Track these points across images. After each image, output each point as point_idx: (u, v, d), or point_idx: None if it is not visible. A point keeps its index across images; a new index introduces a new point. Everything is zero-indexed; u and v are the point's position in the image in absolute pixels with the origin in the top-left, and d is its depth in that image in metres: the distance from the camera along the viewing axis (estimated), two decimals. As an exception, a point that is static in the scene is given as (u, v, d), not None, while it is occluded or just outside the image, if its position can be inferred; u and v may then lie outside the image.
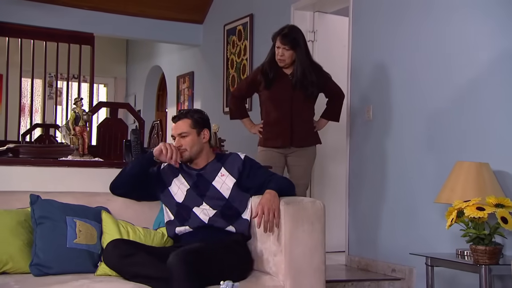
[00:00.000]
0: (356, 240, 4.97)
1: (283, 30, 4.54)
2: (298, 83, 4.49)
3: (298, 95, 4.52)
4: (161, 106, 10.04)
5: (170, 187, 3.44)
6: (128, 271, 2.94)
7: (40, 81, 9.14)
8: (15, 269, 3.02)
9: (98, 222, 3.25)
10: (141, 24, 7.69)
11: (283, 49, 4.48)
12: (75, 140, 3.75)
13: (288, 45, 4.46)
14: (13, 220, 3.09)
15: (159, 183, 3.47)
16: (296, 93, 4.52)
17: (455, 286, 4.00)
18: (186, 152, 3.41)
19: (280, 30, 4.55)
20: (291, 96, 4.53)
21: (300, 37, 4.53)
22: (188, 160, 3.44)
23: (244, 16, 6.80)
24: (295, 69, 4.51)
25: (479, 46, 3.95)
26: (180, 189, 3.41)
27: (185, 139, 3.41)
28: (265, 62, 4.59)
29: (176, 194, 3.41)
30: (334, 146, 5.60)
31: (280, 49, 4.49)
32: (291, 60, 4.52)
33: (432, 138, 4.28)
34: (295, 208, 3.16)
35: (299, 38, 4.51)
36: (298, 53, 4.49)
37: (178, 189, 3.41)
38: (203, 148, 3.46)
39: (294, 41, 4.48)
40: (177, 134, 3.42)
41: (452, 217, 3.31)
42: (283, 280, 3.11)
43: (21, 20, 7.07)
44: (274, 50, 4.53)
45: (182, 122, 3.44)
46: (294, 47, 4.47)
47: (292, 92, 4.52)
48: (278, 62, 4.52)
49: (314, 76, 4.52)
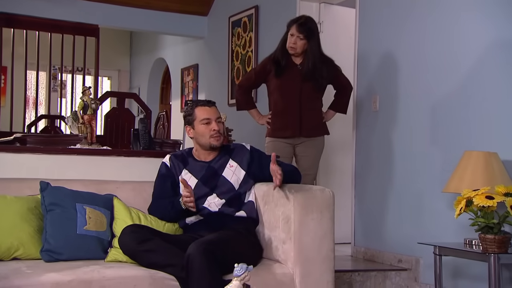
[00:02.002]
0: (362, 231, 4.98)
1: (300, 19, 4.56)
2: (308, 75, 4.50)
3: (307, 86, 4.53)
4: (165, 99, 10.04)
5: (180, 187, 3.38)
6: (143, 256, 2.96)
7: (44, 74, 9.15)
8: (26, 255, 3.03)
9: (107, 209, 3.26)
10: (146, 16, 7.69)
11: (297, 37, 4.48)
12: (83, 129, 3.76)
13: (303, 34, 4.46)
14: (23, 207, 3.11)
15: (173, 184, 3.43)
16: (305, 84, 4.53)
17: (462, 276, 4.01)
18: (221, 137, 3.42)
19: (297, 19, 4.57)
20: (300, 86, 4.54)
21: (315, 29, 4.55)
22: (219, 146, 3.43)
23: (249, 8, 6.79)
24: (306, 61, 4.52)
25: (486, 36, 3.94)
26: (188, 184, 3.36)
27: (220, 125, 3.42)
28: (277, 49, 4.60)
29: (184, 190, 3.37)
30: (340, 137, 5.60)
31: (294, 37, 4.49)
32: (302, 50, 4.52)
33: (439, 128, 4.28)
34: (304, 196, 3.16)
35: (314, 29, 4.53)
36: (312, 44, 4.50)
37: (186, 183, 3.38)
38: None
39: (310, 31, 4.49)
40: (216, 117, 3.41)
41: (461, 206, 3.31)
42: (292, 268, 3.12)
43: (26, 12, 7.08)
44: (286, 37, 4.53)
45: (215, 108, 3.45)
46: (309, 37, 4.48)
47: (301, 82, 4.53)
48: (289, 50, 4.52)
49: (325, 69, 4.53)
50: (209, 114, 3.40)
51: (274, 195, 3.26)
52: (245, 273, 2.24)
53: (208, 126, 3.38)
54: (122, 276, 2.84)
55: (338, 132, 5.50)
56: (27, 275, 2.73)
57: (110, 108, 7.00)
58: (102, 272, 2.83)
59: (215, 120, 3.39)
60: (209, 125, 3.38)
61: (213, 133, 3.37)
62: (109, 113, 4.73)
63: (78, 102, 3.79)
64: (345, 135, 5.46)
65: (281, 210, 3.19)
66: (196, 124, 3.40)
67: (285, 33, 4.56)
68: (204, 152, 3.45)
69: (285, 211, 3.17)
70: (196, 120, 3.40)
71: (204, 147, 3.43)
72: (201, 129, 3.39)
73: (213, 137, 3.38)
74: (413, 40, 4.55)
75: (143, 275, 2.87)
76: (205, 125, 3.38)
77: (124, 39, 10.65)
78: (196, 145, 3.48)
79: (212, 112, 3.41)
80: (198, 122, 3.39)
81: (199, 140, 3.43)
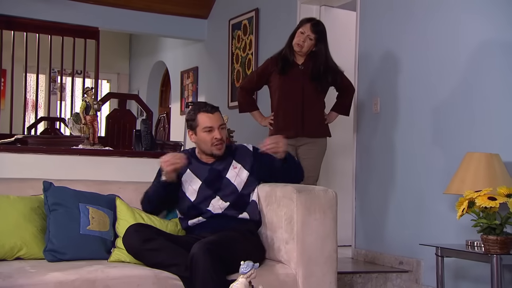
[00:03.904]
0: (362, 234, 4.98)
1: (313, 19, 4.61)
2: (314, 76, 4.53)
3: (309, 86, 4.55)
4: (165, 101, 10.04)
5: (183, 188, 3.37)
6: (147, 255, 2.95)
7: (44, 76, 9.15)
8: (29, 254, 3.03)
9: (110, 209, 3.25)
10: (146, 19, 7.71)
11: (308, 36, 4.49)
12: (85, 129, 3.75)
13: (316, 35, 4.49)
14: (26, 207, 3.11)
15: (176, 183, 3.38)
16: (307, 84, 4.55)
17: (463, 278, 4.01)
18: (224, 145, 3.36)
19: (311, 19, 4.62)
20: (302, 85, 4.55)
21: (325, 33, 4.58)
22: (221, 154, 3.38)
23: (249, 11, 6.81)
24: (313, 63, 4.54)
25: (487, 37, 3.95)
26: (191, 187, 3.35)
27: (223, 131, 3.35)
28: (285, 46, 4.61)
29: (188, 191, 3.35)
30: (341, 139, 5.60)
31: (304, 36, 4.50)
32: (307, 51, 4.54)
33: (440, 130, 4.29)
34: (307, 197, 3.16)
35: (325, 34, 4.56)
36: (321, 47, 4.53)
37: (189, 185, 3.36)
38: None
39: (322, 34, 4.52)
40: (219, 125, 3.33)
41: (463, 207, 3.31)
42: (295, 268, 3.12)
43: (26, 14, 7.09)
44: (293, 35, 4.55)
45: (219, 114, 3.36)
46: (319, 40, 4.52)
47: (303, 82, 4.55)
48: (295, 46, 4.53)
49: (330, 74, 4.56)
50: (212, 122, 3.31)
51: (276, 196, 3.25)
52: (251, 271, 2.24)
53: (210, 134, 3.31)
54: (126, 276, 2.83)
55: (339, 134, 5.50)
56: (31, 274, 2.73)
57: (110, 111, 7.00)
58: (106, 272, 2.82)
59: (218, 128, 3.32)
60: (211, 133, 3.31)
61: (215, 141, 3.32)
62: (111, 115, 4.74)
63: (81, 103, 3.79)
64: (346, 137, 5.46)
65: (283, 211, 3.19)
66: (198, 130, 3.34)
67: (294, 31, 4.57)
68: (207, 155, 3.43)
69: (288, 211, 3.16)
70: (198, 127, 3.33)
71: (205, 153, 3.41)
72: (203, 136, 3.33)
73: (215, 145, 3.32)
74: (413, 42, 4.56)
75: (147, 274, 2.87)
76: (207, 133, 3.31)
77: (123, 42, 10.66)
78: (198, 148, 3.47)
79: (215, 119, 3.33)
80: (201, 129, 3.32)
81: (201, 146, 3.39)
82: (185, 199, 3.34)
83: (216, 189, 3.34)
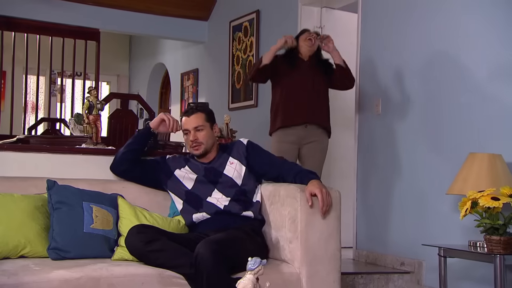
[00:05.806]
0: (364, 235, 4.98)
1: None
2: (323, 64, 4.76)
3: (319, 78, 4.68)
4: (165, 103, 10.04)
5: (176, 172, 3.45)
6: (151, 257, 2.94)
7: (44, 78, 9.14)
8: (33, 253, 3.02)
9: (114, 208, 3.25)
10: (146, 21, 7.72)
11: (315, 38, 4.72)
12: (88, 129, 3.74)
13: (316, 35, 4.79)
14: (30, 205, 3.10)
15: (164, 169, 3.48)
16: (317, 76, 4.67)
17: (465, 279, 4.01)
18: (202, 146, 3.42)
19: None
20: (312, 78, 4.68)
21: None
22: (203, 153, 3.44)
23: (250, 12, 6.81)
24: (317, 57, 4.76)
25: (489, 39, 3.96)
26: (188, 175, 3.43)
27: (201, 133, 3.41)
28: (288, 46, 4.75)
29: (184, 179, 3.42)
30: (343, 140, 5.61)
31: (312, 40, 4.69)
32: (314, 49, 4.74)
33: (442, 131, 4.29)
34: (311, 196, 3.16)
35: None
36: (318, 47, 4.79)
37: (186, 174, 3.43)
38: (215, 142, 3.50)
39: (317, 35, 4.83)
40: (193, 127, 3.41)
41: (466, 207, 3.31)
42: (298, 267, 3.12)
43: (27, 15, 7.09)
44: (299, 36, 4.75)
45: (197, 116, 3.44)
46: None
47: (313, 74, 4.67)
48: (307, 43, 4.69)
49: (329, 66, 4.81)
50: (187, 125, 3.44)
51: (280, 195, 3.26)
52: (259, 267, 2.24)
53: (188, 137, 3.44)
54: (131, 274, 2.83)
55: (341, 135, 5.51)
56: (35, 272, 2.72)
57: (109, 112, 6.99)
58: (110, 270, 2.82)
59: (193, 129, 3.41)
60: (188, 135, 3.44)
61: (191, 143, 3.42)
62: (113, 115, 4.73)
63: (84, 102, 3.78)
64: (348, 139, 5.47)
65: (287, 210, 3.20)
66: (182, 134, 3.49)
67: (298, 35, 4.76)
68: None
69: (292, 210, 3.17)
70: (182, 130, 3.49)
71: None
72: (184, 139, 3.49)
73: (192, 147, 3.43)
74: (415, 43, 4.57)
75: (151, 273, 2.87)
76: (186, 135, 3.46)
77: (123, 44, 10.66)
78: None
79: (191, 122, 3.43)
80: (183, 132, 3.47)
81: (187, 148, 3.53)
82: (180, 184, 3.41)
83: (214, 182, 3.39)
